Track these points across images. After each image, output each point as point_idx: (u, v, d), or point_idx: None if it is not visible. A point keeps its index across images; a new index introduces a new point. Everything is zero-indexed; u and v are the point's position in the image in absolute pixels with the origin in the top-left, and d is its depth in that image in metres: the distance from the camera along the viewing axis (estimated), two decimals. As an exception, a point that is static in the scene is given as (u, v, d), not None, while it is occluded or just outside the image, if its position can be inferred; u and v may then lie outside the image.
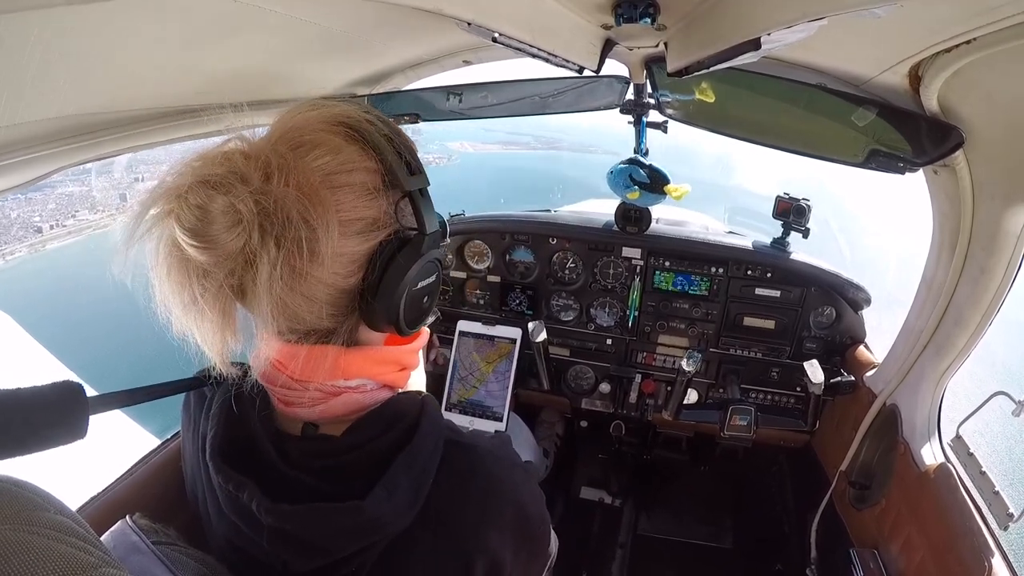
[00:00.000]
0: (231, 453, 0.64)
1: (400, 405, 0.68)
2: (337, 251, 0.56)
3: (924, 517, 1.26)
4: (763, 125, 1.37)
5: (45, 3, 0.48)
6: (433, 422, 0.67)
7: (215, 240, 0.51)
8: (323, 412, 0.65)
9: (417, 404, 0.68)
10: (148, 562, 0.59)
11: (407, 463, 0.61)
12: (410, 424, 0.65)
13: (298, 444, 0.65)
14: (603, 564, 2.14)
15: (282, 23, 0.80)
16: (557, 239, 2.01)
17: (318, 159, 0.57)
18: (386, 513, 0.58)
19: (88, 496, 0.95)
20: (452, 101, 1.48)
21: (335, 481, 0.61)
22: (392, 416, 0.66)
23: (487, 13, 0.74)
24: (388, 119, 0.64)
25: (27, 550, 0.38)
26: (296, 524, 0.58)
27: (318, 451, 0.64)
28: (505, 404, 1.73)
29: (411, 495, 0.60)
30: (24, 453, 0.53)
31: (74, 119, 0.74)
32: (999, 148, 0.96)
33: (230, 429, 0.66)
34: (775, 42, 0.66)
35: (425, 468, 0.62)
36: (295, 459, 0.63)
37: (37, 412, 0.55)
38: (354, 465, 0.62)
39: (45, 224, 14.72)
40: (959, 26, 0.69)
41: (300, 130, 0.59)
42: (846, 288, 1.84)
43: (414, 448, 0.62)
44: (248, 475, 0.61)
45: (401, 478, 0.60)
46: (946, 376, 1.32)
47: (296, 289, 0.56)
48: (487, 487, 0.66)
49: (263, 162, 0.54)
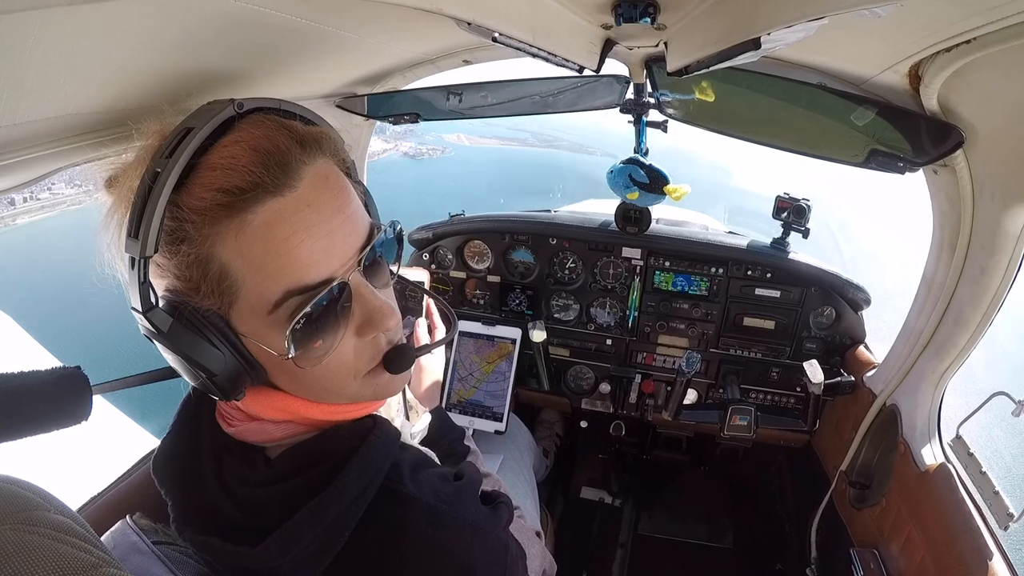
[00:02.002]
0: (170, 465, 0.63)
1: (328, 442, 0.62)
2: None
3: (924, 517, 1.26)
4: (763, 125, 1.37)
5: (45, 3, 0.48)
6: (366, 465, 0.59)
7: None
8: (238, 434, 0.63)
9: (353, 441, 0.62)
10: (148, 562, 0.59)
11: (314, 514, 0.55)
12: (332, 467, 0.59)
13: (232, 461, 0.62)
14: (603, 564, 2.14)
15: (282, 23, 0.80)
16: (557, 239, 2.01)
17: None
18: (280, 565, 0.53)
19: (88, 496, 0.95)
20: (452, 101, 1.48)
21: (248, 512, 0.57)
22: (314, 454, 0.61)
23: (487, 13, 0.74)
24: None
25: (27, 550, 0.38)
26: (200, 549, 0.56)
27: (243, 477, 0.60)
28: (505, 404, 1.73)
29: (313, 550, 0.55)
30: (29, 435, 0.54)
31: (74, 119, 0.74)
32: (999, 148, 0.96)
33: (181, 438, 0.65)
34: (775, 42, 0.66)
35: (340, 520, 0.56)
36: (225, 478, 0.60)
37: (40, 395, 0.55)
38: (271, 500, 0.58)
39: (19, 196, 14.58)
40: (959, 26, 0.69)
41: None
42: (846, 288, 1.84)
43: (327, 497, 0.56)
44: (178, 488, 0.60)
45: (304, 529, 0.54)
46: (946, 376, 1.32)
47: None
48: (423, 547, 0.59)
49: None
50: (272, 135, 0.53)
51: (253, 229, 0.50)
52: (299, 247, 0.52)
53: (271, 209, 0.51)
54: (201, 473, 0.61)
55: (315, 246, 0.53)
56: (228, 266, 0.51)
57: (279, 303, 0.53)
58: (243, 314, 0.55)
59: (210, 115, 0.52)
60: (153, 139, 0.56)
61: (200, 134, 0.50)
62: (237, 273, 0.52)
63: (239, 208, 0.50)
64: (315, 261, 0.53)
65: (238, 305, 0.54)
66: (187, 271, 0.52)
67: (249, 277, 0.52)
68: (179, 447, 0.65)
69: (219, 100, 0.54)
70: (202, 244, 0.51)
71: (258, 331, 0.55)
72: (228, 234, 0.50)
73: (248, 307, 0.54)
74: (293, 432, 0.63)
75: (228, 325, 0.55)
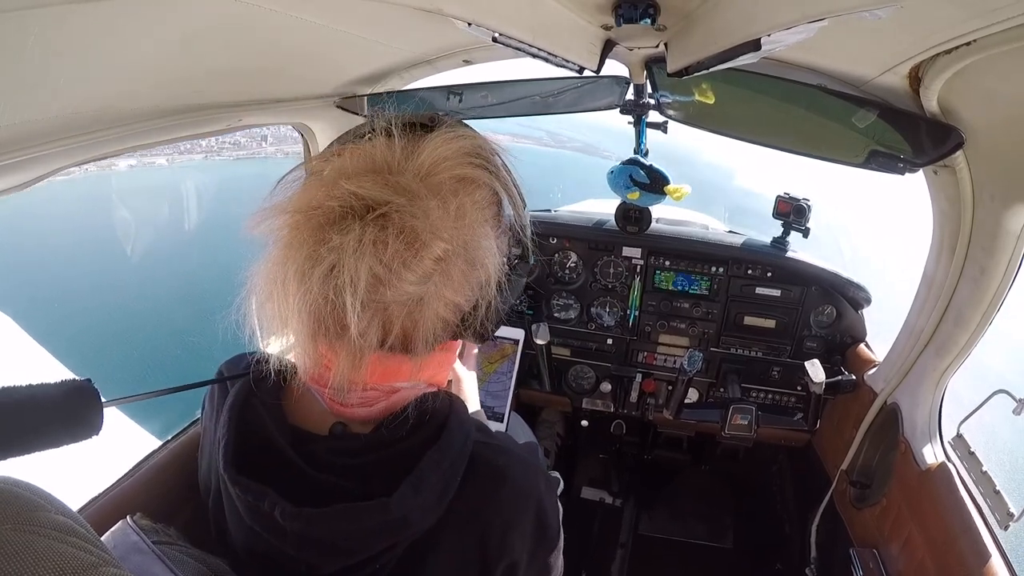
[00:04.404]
0: (245, 461, 0.63)
1: (430, 404, 0.67)
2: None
3: (924, 516, 1.26)
4: (763, 126, 1.37)
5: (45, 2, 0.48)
6: (461, 422, 0.66)
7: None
8: (385, 410, 0.65)
9: (446, 403, 0.68)
10: (149, 562, 0.59)
11: (435, 460, 0.61)
12: (439, 423, 0.65)
13: (325, 443, 0.64)
14: (603, 564, 2.14)
15: (282, 23, 0.80)
16: (557, 239, 2.01)
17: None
18: (413, 511, 0.57)
19: (89, 496, 0.95)
20: (452, 101, 1.48)
21: (360, 480, 0.61)
22: (422, 415, 0.65)
23: (487, 13, 0.74)
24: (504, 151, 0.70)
25: (28, 550, 0.38)
26: (322, 526, 0.57)
27: (346, 450, 0.63)
28: (506, 404, 1.73)
29: (438, 492, 0.60)
30: (37, 450, 0.54)
31: (74, 119, 0.74)
32: (999, 149, 0.96)
33: (242, 433, 0.65)
34: (775, 43, 0.67)
35: (453, 467, 0.62)
36: (321, 459, 0.62)
37: (49, 408, 0.55)
38: (381, 463, 0.62)
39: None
40: (959, 27, 0.69)
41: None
42: (846, 287, 1.85)
43: (442, 446, 0.62)
44: (266, 482, 0.60)
45: (429, 475, 0.59)
46: (947, 375, 1.32)
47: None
48: (515, 490, 0.66)
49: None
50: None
51: None
52: None
53: None
54: (288, 459, 0.62)
55: None
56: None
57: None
58: None
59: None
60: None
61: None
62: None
63: None
64: None
65: None
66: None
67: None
68: (248, 443, 0.64)
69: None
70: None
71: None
72: None
73: None
74: (410, 396, 0.68)
75: None
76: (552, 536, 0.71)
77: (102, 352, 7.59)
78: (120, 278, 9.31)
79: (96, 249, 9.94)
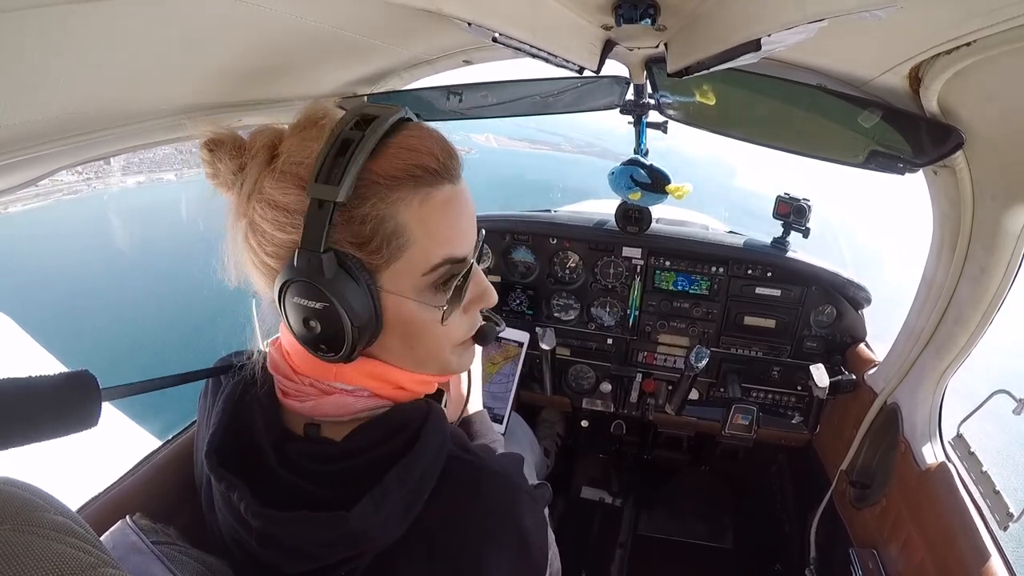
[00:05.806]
0: (228, 452, 0.64)
1: (403, 414, 0.67)
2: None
3: (924, 517, 1.26)
4: (763, 126, 1.37)
5: (45, 2, 0.48)
6: (436, 433, 0.65)
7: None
8: (313, 409, 0.65)
9: (422, 413, 0.67)
10: (148, 562, 0.59)
11: (401, 475, 0.60)
12: (411, 434, 0.64)
13: (298, 445, 0.64)
14: (603, 564, 2.14)
15: (282, 23, 0.80)
16: (557, 239, 2.01)
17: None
18: (373, 526, 0.57)
19: (88, 497, 0.95)
20: (452, 101, 1.48)
21: (329, 486, 0.61)
22: (393, 425, 0.65)
23: (487, 13, 0.74)
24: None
25: (27, 550, 0.38)
26: (281, 530, 0.58)
27: (316, 454, 0.63)
28: (507, 406, 1.72)
29: (402, 507, 0.59)
30: (35, 441, 0.54)
31: (74, 119, 0.74)
32: (999, 149, 0.96)
33: (232, 426, 0.66)
34: (775, 43, 0.67)
35: (422, 480, 0.61)
36: (293, 460, 0.63)
37: (47, 399, 0.55)
38: (349, 472, 0.62)
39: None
40: (959, 28, 0.69)
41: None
42: (846, 287, 1.85)
43: (411, 459, 0.61)
44: (241, 476, 0.61)
45: (394, 489, 0.59)
46: (947, 375, 1.32)
47: None
48: (488, 507, 0.64)
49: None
50: (441, 137, 0.64)
51: (435, 202, 0.61)
52: (461, 226, 0.64)
53: (448, 191, 0.62)
54: (265, 457, 0.63)
55: (468, 229, 0.66)
56: (404, 227, 0.60)
57: (436, 267, 0.62)
58: (399, 272, 0.61)
59: (388, 112, 0.61)
60: (298, 120, 0.65)
61: (390, 120, 0.60)
62: (411, 234, 0.60)
63: (427, 183, 0.60)
64: (467, 241, 0.65)
65: (397, 264, 0.61)
66: (361, 226, 0.59)
67: (422, 240, 0.61)
68: (236, 435, 0.66)
69: (379, 105, 0.63)
70: (387, 204, 0.59)
71: (406, 289, 0.62)
72: (414, 201, 0.60)
73: (408, 266, 0.61)
74: (371, 406, 0.67)
75: (374, 281, 0.60)
76: (537, 558, 0.68)
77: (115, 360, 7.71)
78: (133, 294, 9.41)
79: (113, 267, 10.06)
